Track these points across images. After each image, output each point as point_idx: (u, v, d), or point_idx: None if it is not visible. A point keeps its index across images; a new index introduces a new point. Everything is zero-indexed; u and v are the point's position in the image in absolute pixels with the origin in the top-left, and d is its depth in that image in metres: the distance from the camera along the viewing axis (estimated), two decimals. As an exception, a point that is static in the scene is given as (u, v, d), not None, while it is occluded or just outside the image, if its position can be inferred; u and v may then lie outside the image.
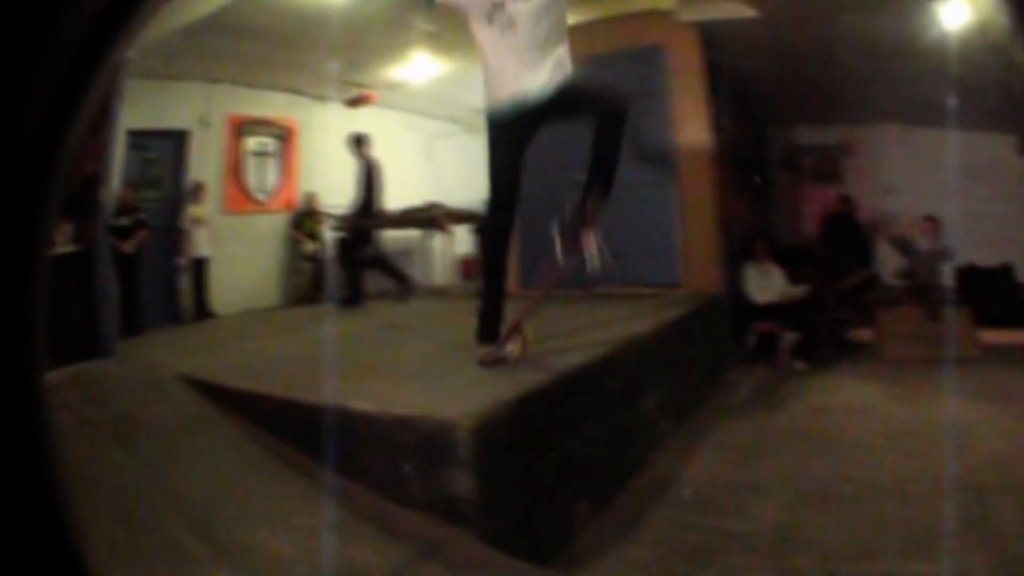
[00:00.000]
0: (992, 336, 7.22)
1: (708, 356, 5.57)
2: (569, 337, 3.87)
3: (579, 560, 2.74)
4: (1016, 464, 4.03)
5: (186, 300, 6.92)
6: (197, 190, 7.01)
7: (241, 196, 7.30)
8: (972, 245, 8.76)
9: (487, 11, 2.82)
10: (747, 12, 5.71)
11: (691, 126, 5.79)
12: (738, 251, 6.81)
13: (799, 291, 6.71)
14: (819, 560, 2.93)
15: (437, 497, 2.32)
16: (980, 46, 6.26)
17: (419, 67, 7.16)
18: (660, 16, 5.97)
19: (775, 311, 6.55)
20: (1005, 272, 9.07)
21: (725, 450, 4.19)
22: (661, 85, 5.88)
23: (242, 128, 7.31)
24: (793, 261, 7.64)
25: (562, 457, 2.87)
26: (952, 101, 6.43)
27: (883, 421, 4.77)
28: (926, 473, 3.99)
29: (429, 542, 2.25)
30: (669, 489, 3.55)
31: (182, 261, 6.88)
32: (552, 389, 2.81)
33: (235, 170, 7.25)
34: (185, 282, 6.87)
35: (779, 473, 3.85)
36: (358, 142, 6.62)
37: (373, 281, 6.93)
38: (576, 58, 2.94)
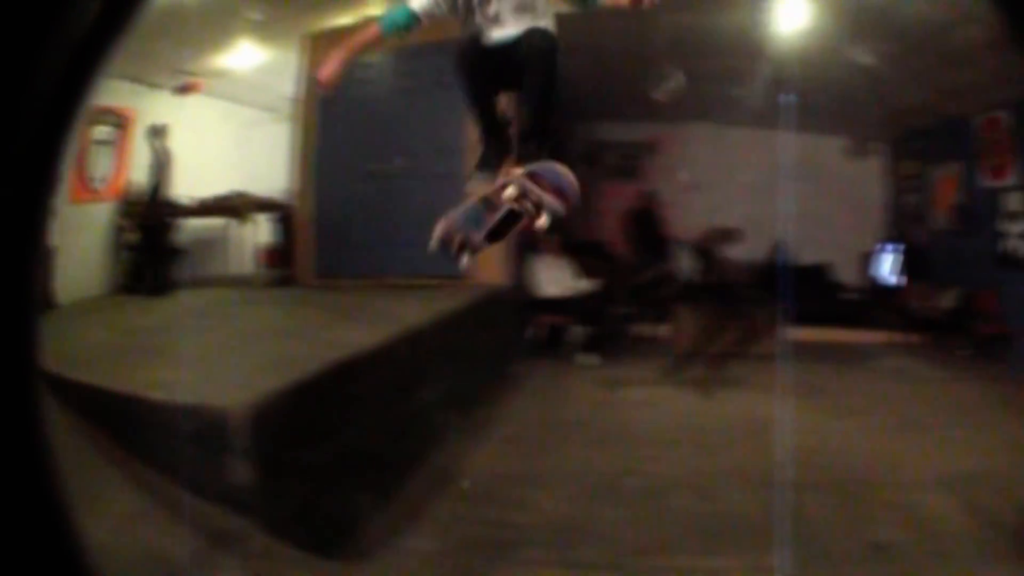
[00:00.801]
0: (806, 334, 8.37)
1: (493, 349, 6.46)
2: (350, 326, 4.63)
3: (364, 551, 3.30)
4: (822, 459, 4.86)
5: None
6: (49, 180, 8.63)
7: (83, 186, 8.28)
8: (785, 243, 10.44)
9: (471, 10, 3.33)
10: (562, 6, 7.79)
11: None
12: (529, 244, 7.75)
13: (588, 285, 7.95)
14: (606, 553, 3.56)
15: (223, 487, 2.80)
16: (814, 47, 7.21)
17: (244, 55, 8.51)
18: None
19: (563, 305, 7.73)
20: (818, 271, 10.77)
21: (509, 443, 4.98)
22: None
23: (92, 117, 8.16)
24: (585, 255, 8.78)
25: (341, 447, 3.43)
26: (781, 100, 7.36)
27: (672, 415, 5.72)
28: (718, 467, 4.76)
29: (220, 532, 2.68)
30: (453, 481, 4.25)
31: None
32: (325, 379, 3.42)
33: (81, 159, 8.15)
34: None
35: (563, 466, 4.61)
36: (154, 133, 7.91)
37: (184, 269, 7.98)
38: (387, 50, 3.70)
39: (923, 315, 10.18)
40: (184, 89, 8.95)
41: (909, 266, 11.29)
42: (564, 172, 3.10)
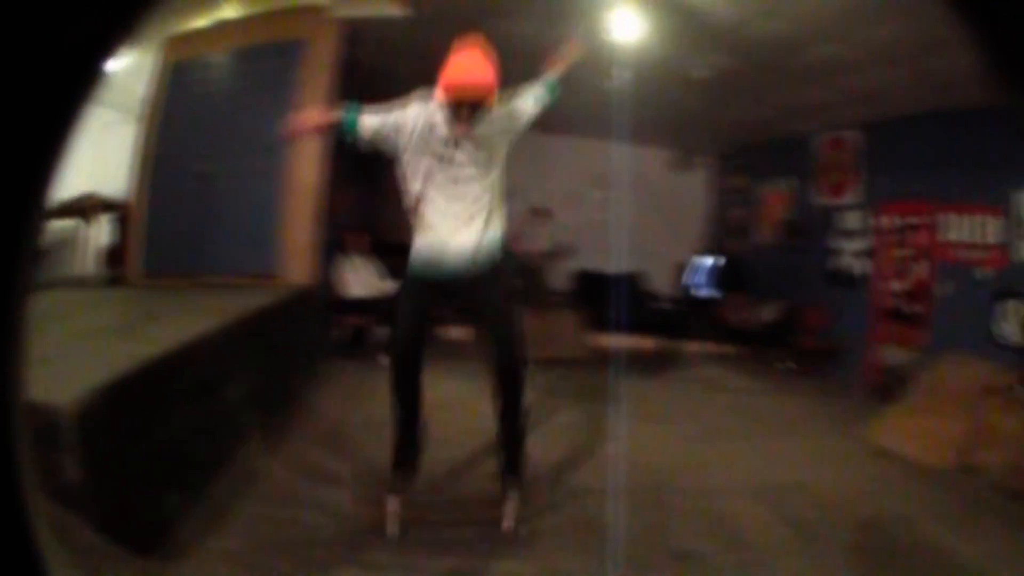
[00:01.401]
0: (617, 342, 9.56)
1: (299, 349, 7.20)
2: (158, 325, 5.20)
3: (178, 550, 3.72)
4: (627, 466, 5.38)
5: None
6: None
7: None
8: (600, 252, 11.85)
9: (434, 157, 4.12)
10: (395, 11, 7.71)
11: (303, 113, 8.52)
12: (339, 244, 8.65)
13: (392, 286, 8.60)
14: (397, 554, 4.02)
15: (57, 483, 3.18)
16: (648, 59, 7.87)
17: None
18: (312, 12, 8.06)
19: (368, 305, 8.53)
20: (632, 280, 12.21)
21: (310, 442, 5.53)
22: (293, 78, 7.96)
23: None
24: (395, 257, 10.49)
25: (155, 446, 3.90)
26: (612, 110, 8.33)
27: (470, 416, 6.10)
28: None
29: (57, 529, 2.84)
30: (257, 481, 4.72)
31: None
32: (137, 377, 3.86)
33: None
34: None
35: (360, 465, 5.15)
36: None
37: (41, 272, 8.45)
38: (223, 51, 4.53)
39: (741, 327, 11.56)
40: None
41: (728, 278, 12.86)
42: None
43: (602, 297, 11.40)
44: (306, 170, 7.85)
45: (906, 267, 9.35)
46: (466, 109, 4.03)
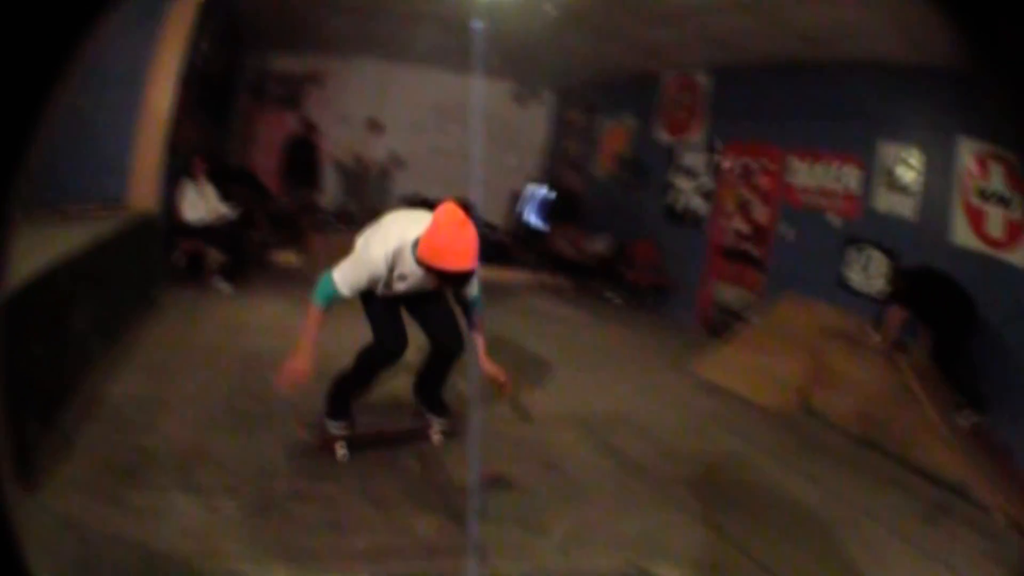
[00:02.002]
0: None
1: (140, 276, 7.27)
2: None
3: (36, 480, 3.72)
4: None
5: None
6: None
7: None
8: (435, 181, 11.92)
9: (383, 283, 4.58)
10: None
11: (166, 47, 7.87)
12: (185, 170, 8.63)
13: (229, 212, 8.95)
14: (221, 477, 4.10)
15: None
16: None
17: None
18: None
19: (204, 232, 8.57)
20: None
21: (148, 369, 5.54)
22: (151, 9, 7.87)
23: None
24: (234, 182, 9.73)
25: (14, 376, 3.46)
26: (473, 39, 8.44)
27: (292, 341, 5.50)
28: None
29: None
30: (100, 407, 4.78)
31: None
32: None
33: None
34: None
35: (192, 391, 5.27)
36: None
37: None
38: None
39: (573, 259, 11.76)
40: None
41: (561, 210, 13.14)
42: None
43: None
44: (160, 99, 7.79)
45: (746, 208, 9.65)
46: (453, 285, 4.57)
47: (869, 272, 7.82)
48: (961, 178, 6.90)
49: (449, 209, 4.39)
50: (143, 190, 7.67)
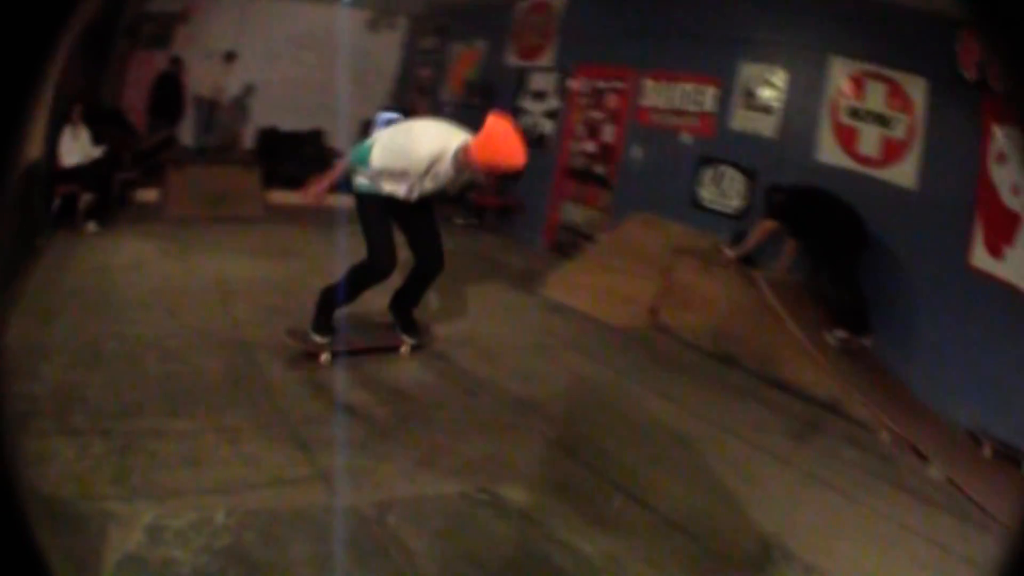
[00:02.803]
0: (287, 197, 9.53)
1: (23, 223, 7.04)
2: None
3: None
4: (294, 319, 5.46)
5: None
6: None
7: None
8: (291, 111, 12.29)
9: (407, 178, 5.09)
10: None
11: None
12: (65, 115, 8.47)
13: (97, 152, 8.96)
14: (92, 418, 4.14)
15: None
16: None
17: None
18: None
19: (76, 173, 8.58)
20: (315, 137, 12.57)
21: (29, 315, 5.55)
22: None
23: None
24: (105, 124, 9.64)
25: None
26: None
27: (153, 278, 6.67)
28: (188, 329, 5.58)
29: None
30: None
31: None
32: None
33: None
34: None
35: (62, 334, 5.34)
36: None
37: None
38: None
39: None
40: None
41: None
42: None
43: (284, 154, 11.85)
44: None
45: (595, 129, 9.73)
46: (504, 180, 5.19)
47: (724, 190, 8.01)
48: (831, 98, 7.11)
49: (499, 119, 4.99)
50: (30, 138, 7.59)
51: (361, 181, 5.39)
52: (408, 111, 12.94)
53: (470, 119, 11.80)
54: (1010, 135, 6.21)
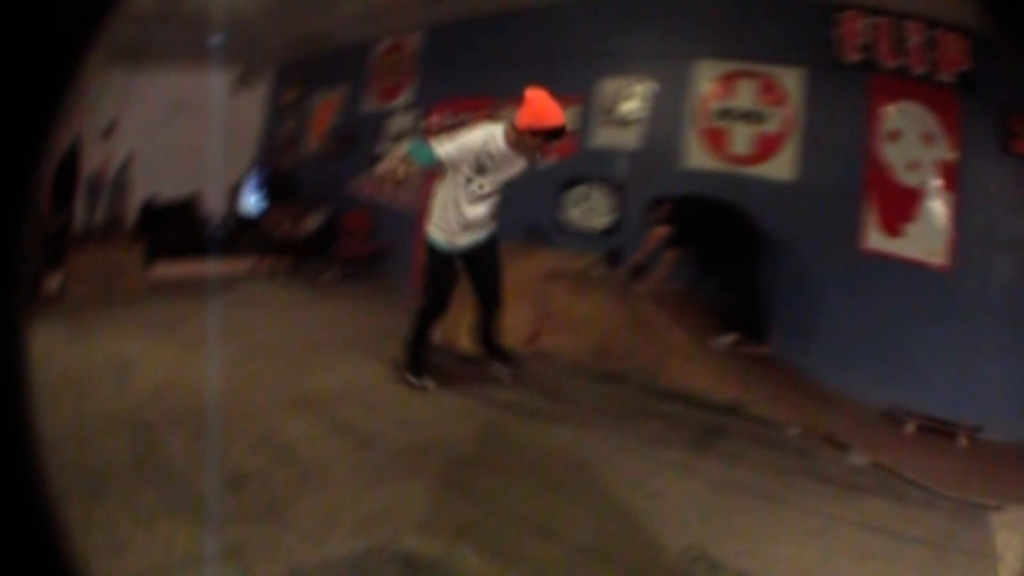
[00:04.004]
0: (170, 268, 9.72)
1: None
2: None
3: None
4: (177, 395, 5.52)
5: None
6: None
7: None
8: (167, 179, 11.90)
9: (469, 172, 5.72)
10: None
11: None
12: None
13: None
14: None
15: None
16: None
17: None
18: None
19: None
20: (187, 205, 12.18)
21: None
22: None
23: None
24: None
25: None
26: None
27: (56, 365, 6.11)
28: (89, 411, 5.29)
29: None
30: None
31: None
32: None
33: None
34: None
35: None
36: None
37: None
38: None
39: (287, 239, 11.83)
40: None
41: (276, 192, 13.11)
42: None
43: (164, 225, 11.65)
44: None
45: None
46: (552, 141, 5.69)
47: (591, 209, 7.96)
48: (698, 102, 7.10)
49: (534, 89, 5.66)
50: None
51: (436, 236, 6.08)
52: (273, 169, 12.81)
53: (334, 169, 11.75)
54: (905, 110, 6.27)
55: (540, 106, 5.52)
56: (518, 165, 5.86)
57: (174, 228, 10.75)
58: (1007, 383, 5.93)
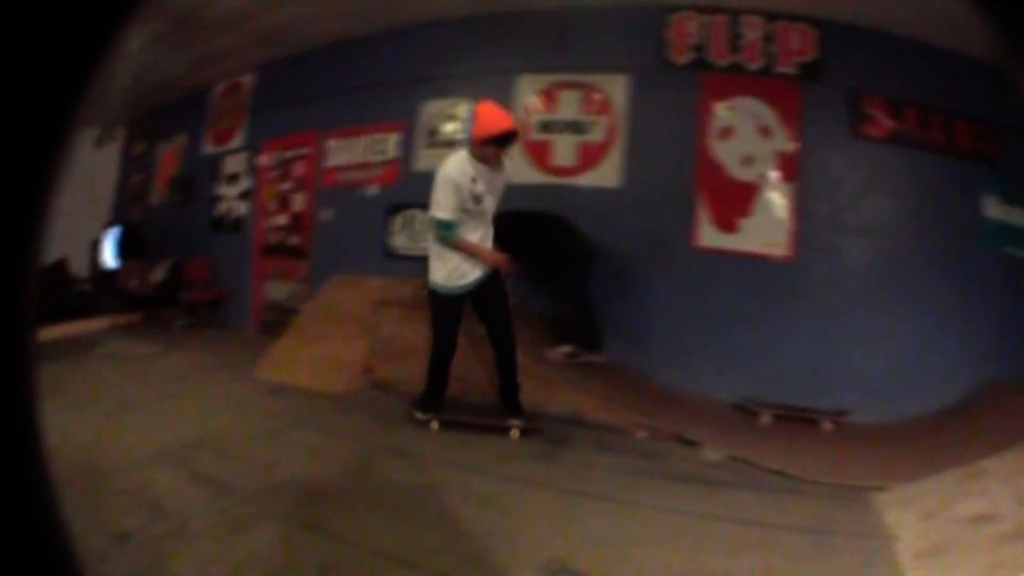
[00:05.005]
0: (45, 332, 10.39)
1: None
2: None
3: None
4: (58, 459, 6.19)
5: None
6: None
7: None
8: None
9: (470, 205, 5.70)
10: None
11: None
12: None
13: None
14: None
15: None
16: None
17: None
18: None
19: None
20: (58, 267, 11.91)
21: None
22: None
23: None
24: None
25: None
26: None
27: None
28: None
29: None
30: None
31: None
32: None
33: None
34: None
35: None
36: None
37: None
38: None
39: (139, 292, 11.68)
40: None
41: (128, 245, 12.90)
42: None
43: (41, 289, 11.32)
44: None
45: (285, 200, 9.57)
46: (507, 145, 5.71)
47: (416, 234, 7.91)
48: (519, 116, 7.08)
49: (483, 102, 5.83)
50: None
51: (437, 280, 5.96)
52: (127, 222, 12.47)
53: (176, 217, 11.51)
54: (739, 106, 6.32)
55: (488, 116, 5.64)
56: (499, 178, 5.94)
57: (46, 293, 10.09)
58: (866, 366, 6.07)
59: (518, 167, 6.72)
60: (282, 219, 9.65)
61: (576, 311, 6.48)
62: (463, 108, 7.42)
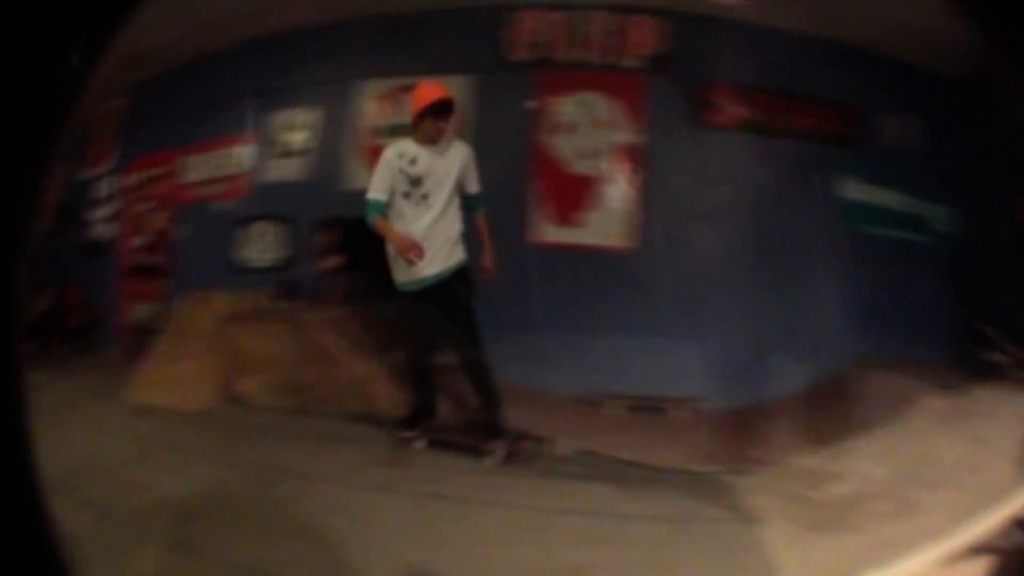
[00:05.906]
0: None
1: None
2: None
3: None
4: None
5: None
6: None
7: None
8: None
9: (406, 187, 5.72)
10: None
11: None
12: None
13: None
14: None
15: None
16: None
17: None
18: None
19: None
20: None
21: None
22: None
23: None
24: None
25: None
26: None
27: None
28: None
29: None
30: None
31: None
32: None
33: None
34: None
35: None
36: None
37: None
38: None
39: (32, 323, 12.09)
40: None
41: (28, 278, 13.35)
42: None
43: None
44: None
45: (146, 220, 9.65)
46: (442, 116, 5.78)
47: (263, 246, 7.97)
48: (359, 123, 7.36)
49: (421, 82, 5.97)
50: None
51: (396, 276, 5.97)
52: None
53: (54, 248, 11.18)
54: (580, 100, 6.48)
55: (419, 91, 5.85)
56: (452, 162, 6.04)
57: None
58: (724, 351, 6.22)
59: (359, 173, 7.10)
60: (143, 240, 9.58)
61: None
62: (304, 118, 7.79)
